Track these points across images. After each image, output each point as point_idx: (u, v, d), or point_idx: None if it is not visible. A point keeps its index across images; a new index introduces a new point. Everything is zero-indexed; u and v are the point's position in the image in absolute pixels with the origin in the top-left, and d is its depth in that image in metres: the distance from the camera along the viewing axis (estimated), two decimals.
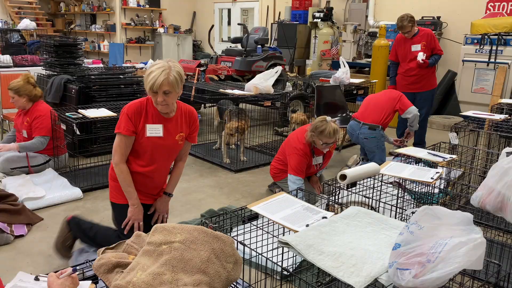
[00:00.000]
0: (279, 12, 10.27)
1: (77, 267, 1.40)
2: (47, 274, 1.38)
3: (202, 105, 6.76)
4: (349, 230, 1.76)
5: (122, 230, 2.50)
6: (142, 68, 8.03)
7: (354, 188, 2.49)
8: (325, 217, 1.90)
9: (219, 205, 3.67)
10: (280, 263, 1.86)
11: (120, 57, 9.68)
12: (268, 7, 10.68)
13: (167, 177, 2.70)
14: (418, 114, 4.30)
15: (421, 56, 4.95)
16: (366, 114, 4.30)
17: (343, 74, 5.42)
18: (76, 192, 3.69)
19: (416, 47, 5.04)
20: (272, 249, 2.06)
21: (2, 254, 2.81)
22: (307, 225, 1.81)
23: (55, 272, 1.36)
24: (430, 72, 5.14)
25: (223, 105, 4.94)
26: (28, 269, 2.65)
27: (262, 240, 2.18)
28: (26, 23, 8.62)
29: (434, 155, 2.91)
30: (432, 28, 6.91)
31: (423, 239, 1.43)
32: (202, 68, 6.34)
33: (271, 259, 1.72)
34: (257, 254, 1.77)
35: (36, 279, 1.38)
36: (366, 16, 8.66)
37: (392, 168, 2.60)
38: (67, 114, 3.92)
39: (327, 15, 8.88)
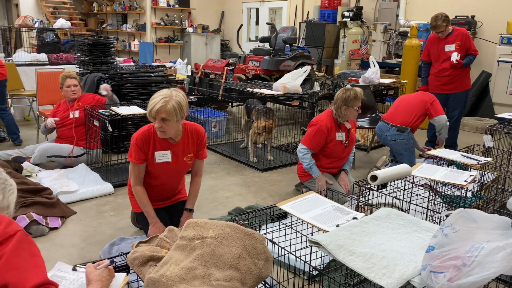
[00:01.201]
0: (308, 12, 10.22)
1: (114, 259, 1.43)
2: (84, 265, 1.43)
3: (230, 104, 6.82)
4: (380, 232, 1.74)
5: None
6: (171, 67, 8.15)
7: (385, 189, 2.46)
8: (356, 218, 1.88)
9: (246, 203, 3.69)
10: (308, 263, 1.85)
11: (150, 56, 9.86)
12: (296, 6, 10.64)
13: (181, 182, 2.92)
14: (447, 124, 4.21)
15: (455, 56, 4.83)
16: (395, 116, 4.23)
17: (373, 74, 5.34)
18: (108, 187, 3.79)
19: (450, 47, 4.92)
20: (300, 249, 2.06)
21: (38, 245, 2.89)
22: (337, 225, 1.80)
23: (93, 263, 1.41)
24: (464, 73, 5.01)
25: (251, 104, 4.96)
26: (62, 260, 2.74)
27: (290, 239, 2.18)
28: (62, 23, 8.89)
29: (467, 157, 2.83)
30: (466, 27, 6.72)
31: (458, 242, 1.40)
32: (230, 68, 6.38)
33: (299, 258, 1.72)
34: (287, 252, 1.78)
35: (74, 269, 1.42)
36: (397, 16, 8.51)
37: (424, 170, 2.55)
38: (100, 111, 4.02)
39: (357, 14, 8.77)
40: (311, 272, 2.41)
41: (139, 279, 1.47)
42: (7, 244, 1.13)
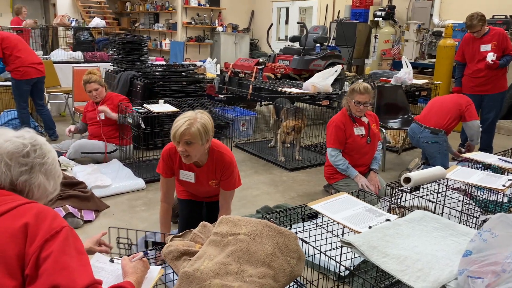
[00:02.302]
0: (338, 11, 10.12)
1: (148, 252, 1.47)
2: (120, 257, 1.47)
3: (258, 103, 6.83)
4: (414, 234, 1.71)
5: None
6: (200, 66, 8.24)
7: (418, 191, 2.42)
8: (389, 220, 1.86)
9: (274, 202, 3.70)
10: (339, 263, 1.85)
11: (180, 55, 9.99)
12: (327, 5, 10.56)
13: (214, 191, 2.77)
14: (479, 130, 4.09)
15: (491, 57, 4.68)
16: (429, 117, 4.13)
17: (406, 75, 5.24)
18: (140, 182, 3.87)
19: (485, 47, 4.77)
20: (331, 249, 2.05)
21: None
22: (370, 227, 1.78)
23: (128, 256, 1.45)
24: (500, 74, 4.84)
25: (280, 103, 4.96)
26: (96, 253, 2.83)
27: (321, 240, 2.17)
28: (97, 22, 9.14)
29: (505, 161, 2.75)
30: (504, 27, 6.49)
31: (498, 247, 1.36)
32: (260, 67, 6.39)
33: (332, 258, 1.72)
34: (318, 252, 1.77)
35: (111, 260, 1.47)
36: (431, 15, 8.31)
37: (459, 173, 2.49)
38: (133, 108, 4.12)
39: (389, 13, 8.62)
40: (340, 273, 2.39)
41: (173, 272, 1.50)
42: (53, 241, 1.08)
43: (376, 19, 8.70)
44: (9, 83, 5.19)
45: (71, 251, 1.10)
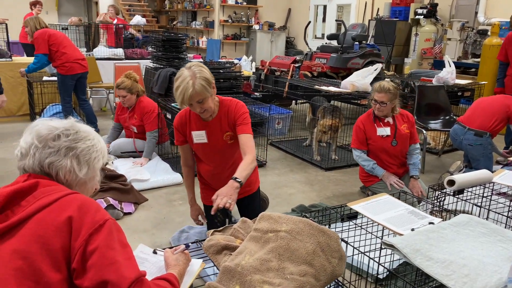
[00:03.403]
0: (378, 9, 9.91)
1: (190, 244, 1.49)
2: (163, 249, 1.50)
3: (294, 101, 6.80)
4: (460, 239, 1.65)
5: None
6: (236, 64, 8.29)
7: (461, 195, 2.33)
8: (432, 223, 1.81)
9: (309, 201, 3.67)
10: (383, 265, 1.81)
11: (217, 52, 10.09)
12: (366, 3, 10.37)
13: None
14: None
15: None
16: (473, 119, 3.97)
17: (448, 74, 5.07)
18: (177, 177, 3.95)
19: None
20: (369, 251, 2.01)
21: None
22: (412, 229, 1.74)
23: (170, 248, 1.48)
24: None
25: (317, 101, 4.91)
26: (135, 245, 2.89)
27: (359, 240, 2.14)
28: (138, 19, 9.37)
29: None
30: None
31: None
32: (297, 65, 6.36)
33: (374, 259, 1.68)
34: (358, 253, 1.75)
35: (154, 252, 1.50)
36: (476, 13, 7.99)
37: (507, 178, 2.39)
38: (172, 104, 4.19)
39: (431, 11, 8.36)
40: (378, 275, 2.35)
41: (214, 266, 1.52)
42: (98, 235, 1.07)
43: (417, 17, 8.46)
44: (55, 78, 5.41)
45: (116, 245, 1.10)
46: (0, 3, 11.00)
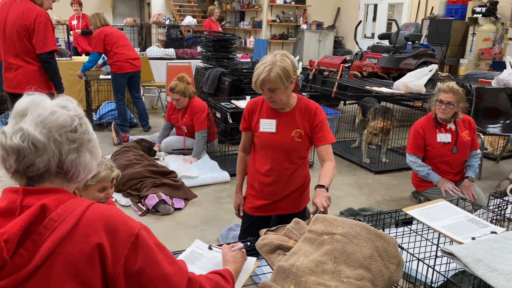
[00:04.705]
0: (432, 7, 9.56)
1: (248, 244, 1.51)
2: (220, 246, 1.53)
3: (342, 102, 6.69)
4: None
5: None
6: None
7: None
8: (495, 232, 1.72)
9: (359, 205, 3.60)
10: (431, 274, 1.75)
11: (264, 52, 10.14)
12: (419, 1, 10.02)
13: (293, 186, 2.47)
14: None
15: None
16: None
17: (509, 76, 4.80)
18: (225, 175, 4.00)
19: None
20: (424, 258, 1.94)
21: (165, 222, 3.21)
22: (473, 238, 1.66)
23: (227, 244, 1.50)
24: None
25: (367, 102, 4.81)
26: (184, 240, 2.98)
27: (414, 247, 2.07)
28: (189, 20, 9.60)
29: None
30: None
31: None
32: (346, 65, 6.26)
33: (434, 268, 1.63)
34: (416, 259, 1.70)
35: (210, 248, 1.53)
36: None
37: None
38: (222, 103, 4.26)
39: (490, 9, 7.95)
40: (433, 284, 2.26)
41: (267, 265, 1.53)
42: (136, 255, 0.97)
43: (475, 15, 8.07)
44: (110, 77, 5.66)
45: (157, 256, 1.01)
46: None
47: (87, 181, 1.16)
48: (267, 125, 2.36)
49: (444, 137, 3.29)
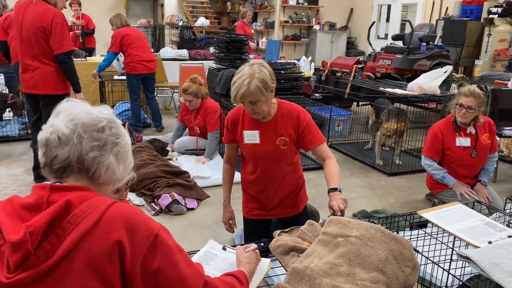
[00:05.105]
0: (447, 8, 9.45)
1: (262, 244, 1.51)
2: (234, 246, 1.53)
3: (355, 103, 6.66)
4: None
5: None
6: (295, 64, 8.28)
7: None
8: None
9: (372, 207, 3.58)
10: (446, 278, 1.73)
11: (276, 53, 10.13)
12: (434, 2, 9.91)
13: (285, 190, 2.47)
14: None
15: None
16: None
17: None
18: (237, 175, 3.99)
19: None
20: (438, 262, 1.92)
21: (177, 222, 3.23)
22: (490, 242, 1.64)
23: (241, 245, 1.50)
24: None
25: (381, 104, 4.77)
26: (197, 240, 3.00)
27: (428, 251, 2.05)
28: (202, 21, 9.63)
29: None
30: None
31: None
32: (360, 66, 6.22)
33: (450, 271, 1.61)
34: (431, 263, 1.68)
35: (224, 248, 1.54)
36: None
37: None
38: (234, 104, 4.26)
39: (507, 10, 7.84)
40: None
41: (280, 266, 1.53)
42: (155, 255, 0.98)
43: (490, 16, 7.96)
44: (124, 77, 5.72)
45: (175, 257, 1.02)
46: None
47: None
48: (250, 137, 2.32)
49: (463, 141, 3.22)
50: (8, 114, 5.42)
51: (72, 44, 3.73)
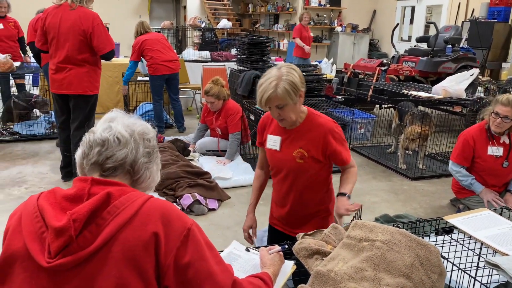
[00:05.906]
0: (473, 9, 9.25)
1: (286, 246, 1.51)
2: (257, 248, 1.54)
3: (377, 105, 6.58)
4: None
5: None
6: (317, 66, 8.24)
7: None
8: None
9: (394, 211, 3.52)
10: (472, 285, 1.69)
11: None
12: (459, 3, 9.72)
13: (304, 210, 2.28)
14: None
15: None
16: None
17: None
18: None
19: None
20: (464, 269, 1.88)
21: (199, 222, 3.19)
22: None
23: (265, 246, 1.50)
24: None
25: (404, 107, 4.71)
26: (218, 240, 3.01)
27: (454, 258, 2.01)
28: (224, 23, 9.69)
29: None
30: None
31: None
32: (383, 68, 6.15)
33: (476, 279, 1.58)
34: (458, 269, 1.65)
35: (247, 250, 1.54)
36: None
37: None
38: (256, 106, 4.28)
39: None
40: None
41: (304, 269, 1.52)
42: (187, 248, 1.01)
43: None
44: (147, 78, 5.80)
45: (206, 253, 1.05)
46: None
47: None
48: (272, 142, 2.18)
49: (496, 150, 3.12)
50: (35, 114, 5.58)
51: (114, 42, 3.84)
